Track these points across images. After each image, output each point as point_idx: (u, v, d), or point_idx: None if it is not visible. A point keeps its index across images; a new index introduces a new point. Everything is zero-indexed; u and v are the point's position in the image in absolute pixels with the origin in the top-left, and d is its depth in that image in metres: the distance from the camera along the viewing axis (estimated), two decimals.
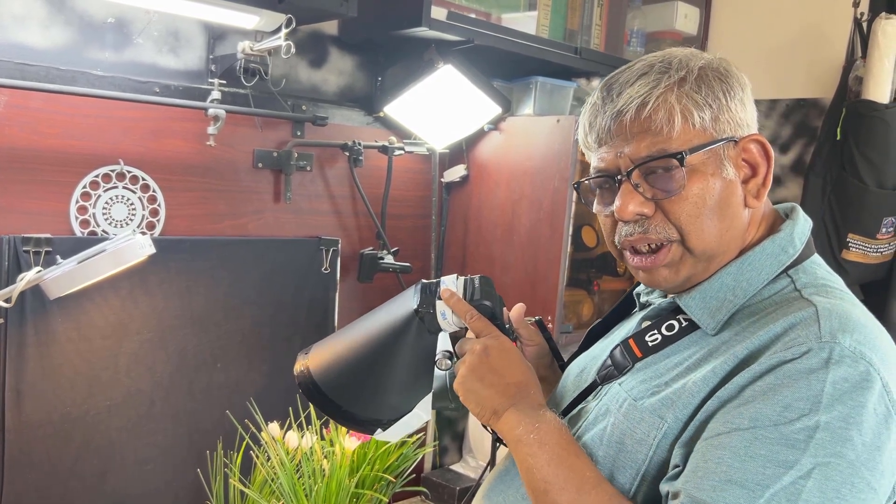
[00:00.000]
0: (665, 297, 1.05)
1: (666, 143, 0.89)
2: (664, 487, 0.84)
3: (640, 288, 1.11)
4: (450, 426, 2.32)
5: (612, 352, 1.00)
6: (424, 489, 2.11)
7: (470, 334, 1.04)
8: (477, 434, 2.24)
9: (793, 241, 0.94)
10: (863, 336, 0.81)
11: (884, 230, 2.08)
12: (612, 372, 0.98)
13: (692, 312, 0.93)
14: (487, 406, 0.97)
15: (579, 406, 1.02)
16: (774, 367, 0.81)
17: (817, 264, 0.95)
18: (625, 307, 1.15)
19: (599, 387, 1.00)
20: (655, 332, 0.96)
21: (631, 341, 0.97)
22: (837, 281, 0.94)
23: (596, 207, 1.00)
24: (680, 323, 0.94)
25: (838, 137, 2.08)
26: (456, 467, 2.27)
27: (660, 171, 0.90)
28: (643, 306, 1.08)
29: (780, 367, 0.80)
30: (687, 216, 0.90)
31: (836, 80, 2.15)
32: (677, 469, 0.84)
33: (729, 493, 0.77)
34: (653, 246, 0.93)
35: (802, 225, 0.96)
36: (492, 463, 1.11)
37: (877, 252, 2.10)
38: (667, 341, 0.94)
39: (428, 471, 2.24)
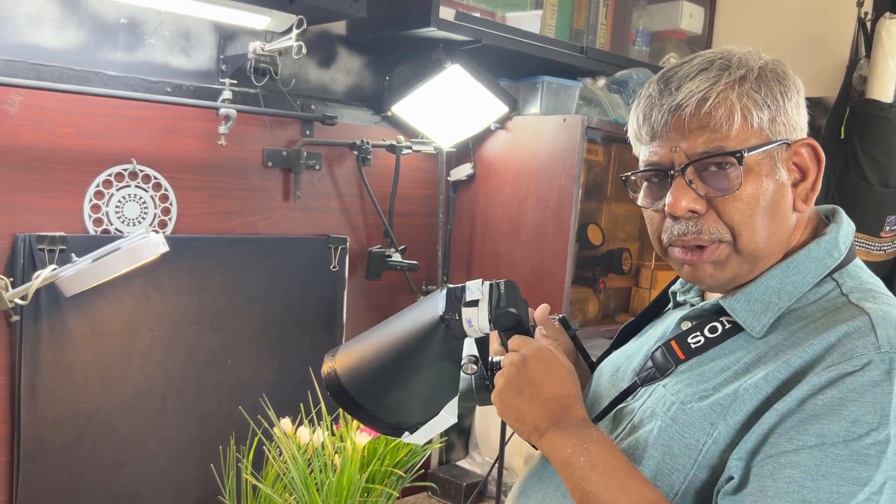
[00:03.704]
0: (701, 295, 1.03)
1: (724, 140, 0.88)
2: (724, 503, 0.83)
3: (676, 286, 1.09)
4: (457, 423, 2.33)
5: (652, 353, 0.98)
6: (433, 484, 2.12)
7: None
8: (483, 431, 2.26)
9: (837, 244, 0.93)
10: None
11: (887, 228, 2.09)
12: (653, 374, 0.96)
13: (737, 315, 0.91)
14: (528, 422, 0.93)
15: (619, 406, 1.01)
16: (835, 380, 0.79)
17: (860, 268, 0.94)
18: (658, 305, 1.13)
19: (640, 388, 0.98)
20: (698, 333, 0.94)
21: (673, 343, 0.96)
22: (881, 285, 0.93)
23: (642, 202, 0.97)
24: (723, 325, 0.93)
25: (842, 136, 2.09)
26: (462, 463, 2.28)
27: (714, 169, 0.89)
28: (678, 305, 1.07)
29: (841, 380, 0.79)
30: (741, 216, 0.89)
31: (840, 80, 2.15)
32: (733, 481, 0.82)
33: None
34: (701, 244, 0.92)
35: (846, 229, 0.95)
36: (500, 459, 1.12)
37: (880, 250, 2.11)
38: (710, 343, 0.93)
39: (435, 467, 2.26)
